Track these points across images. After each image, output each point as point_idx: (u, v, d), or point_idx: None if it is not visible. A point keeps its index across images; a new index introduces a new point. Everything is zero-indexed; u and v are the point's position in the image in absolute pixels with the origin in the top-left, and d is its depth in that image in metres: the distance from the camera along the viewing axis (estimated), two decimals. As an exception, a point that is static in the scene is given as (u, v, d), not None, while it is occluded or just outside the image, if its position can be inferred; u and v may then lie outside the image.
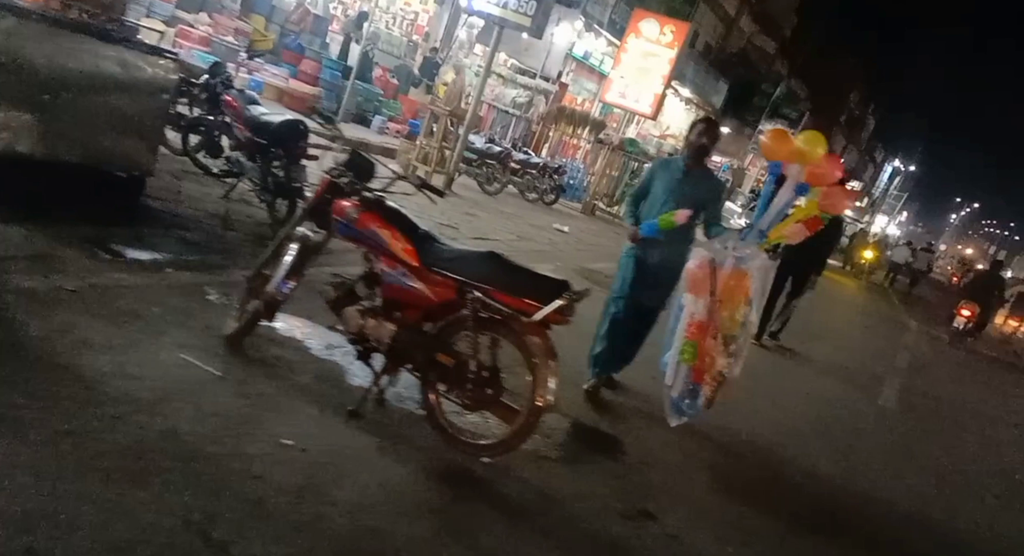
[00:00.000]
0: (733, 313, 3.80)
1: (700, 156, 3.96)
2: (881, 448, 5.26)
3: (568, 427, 3.70)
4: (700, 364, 3.74)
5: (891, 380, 7.58)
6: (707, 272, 3.72)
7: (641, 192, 4.12)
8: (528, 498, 2.89)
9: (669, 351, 3.85)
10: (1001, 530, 4.34)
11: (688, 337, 3.74)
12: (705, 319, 3.72)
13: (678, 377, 3.79)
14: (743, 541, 3.12)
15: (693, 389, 3.80)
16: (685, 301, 3.81)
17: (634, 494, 3.23)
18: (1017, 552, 4.14)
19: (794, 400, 5.81)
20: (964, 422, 7.02)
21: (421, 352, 2.95)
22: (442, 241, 3.04)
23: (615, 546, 2.77)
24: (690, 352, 3.72)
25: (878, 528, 3.75)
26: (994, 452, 6.27)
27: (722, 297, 3.74)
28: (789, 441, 4.60)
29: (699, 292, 3.74)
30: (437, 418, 2.99)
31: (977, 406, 8.19)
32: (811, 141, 3.61)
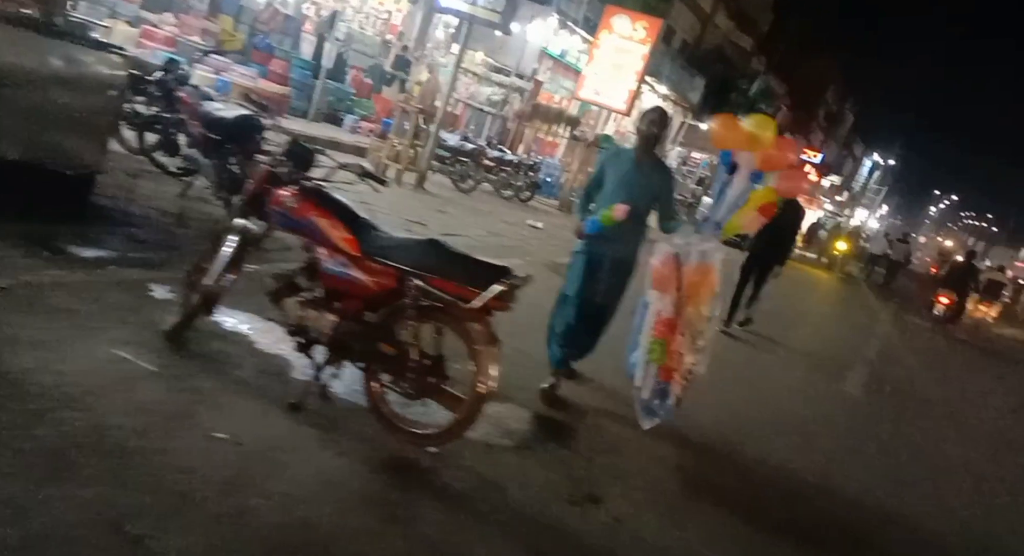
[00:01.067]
0: (699, 308, 3.76)
1: (650, 146, 3.87)
2: (839, 434, 5.27)
3: (522, 417, 3.67)
4: (669, 362, 3.68)
5: (858, 368, 7.63)
6: (671, 268, 3.67)
7: (593, 185, 4.00)
8: (472, 486, 2.85)
9: (636, 351, 3.79)
10: (951, 510, 4.36)
11: (656, 335, 3.68)
12: (672, 316, 3.67)
13: (647, 377, 3.72)
14: (687, 525, 3.10)
15: (663, 389, 3.75)
16: (650, 298, 3.75)
17: (583, 480, 3.20)
18: (963, 533, 4.15)
19: (758, 388, 5.82)
20: (929, 408, 7.07)
21: (362, 342, 2.91)
22: (383, 229, 2.99)
23: (556, 529, 2.74)
24: (658, 351, 3.67)
25: (826, 512, 3.74)
26: (955, 437, 6.31)
27: (688, 292, 3.69)
28: (748, 428, 4.59)
29: (665, 289, 3.68)
30: (380, 409, 2.95)
31: (944, 391, 8.26)
32: (760, 125, 3.58)
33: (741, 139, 3.60)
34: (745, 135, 3.59)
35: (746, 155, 3.61)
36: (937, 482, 4.85)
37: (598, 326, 4.04)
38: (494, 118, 15.60)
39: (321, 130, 11.34)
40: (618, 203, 3.69)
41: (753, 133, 3.55)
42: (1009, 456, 6.22)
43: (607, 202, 3.83)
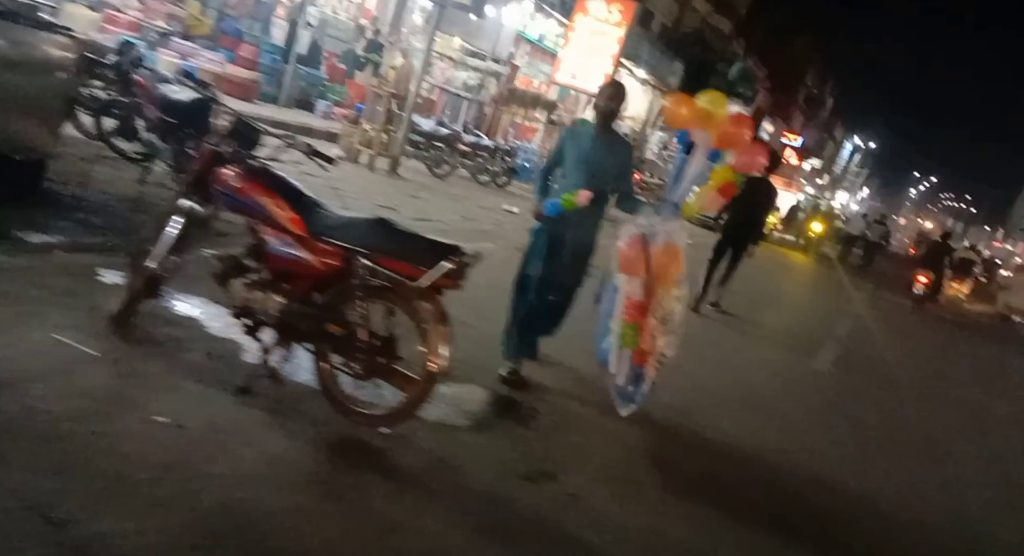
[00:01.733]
0: (668, 289, 3.72)
1: (609, 121, 3.82)
2: (803, 410, 5.29)
3: (481, 398, 3.66)
4: (642, 346, 3.63)
5: (829, 345, 7.70)
6: (639, 249, 3.62)
7: (552, 163, 3.93)
8: (424, 464, 2.84)
9: (607, 337, 3.73)
10: (915, 487, 4.39)
11: (627, 319, 3.62)
12: (642, 299, 3.62)
13: (621, 363, 3.67)
14: (643, 501, 3.11)
15: (638, 373, 3.69)
16: (619, 282, 3.68)
17: (540, 458, 3.20)
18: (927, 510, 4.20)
19: (726, 367, 5.84)
20: (899, 384, 7.14)
21: (311, 323, 2.86)
22: (330, 208, 2.94)
23: (507, 504, 2.74)
24: (631, 335, 3.62)
25: (788, 490, 3.73)
26: (923, 413, 6.37)
27: (657, 273, 3.65)
28: (714, 407, 4.60)
29: (633, 271, 3.63)
30: (331, 390, 2.92)
31: (916, 367, 8.37)
32: (713, 102, 3.55)
33: (695, 117, 3.56)
34: (699, 113, 3.55)
35: (702, 133, 3.57)
36: (903, 459, 4.89)
37: (560, 308, 3.98)
38: (470, 103, 15.47)
39: (292, 116, 11.18)
40: (582, 188, 3.63)
41: (707, 110, 3.52)
42: (976, 432, 6.31)
43: (567, 180, 3.78)
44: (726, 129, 3.51)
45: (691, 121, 3.58)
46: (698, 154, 3.65)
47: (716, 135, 3.55)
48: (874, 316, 11.63)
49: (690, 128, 3.62)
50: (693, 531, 2.98)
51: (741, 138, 3.54)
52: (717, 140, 3.56)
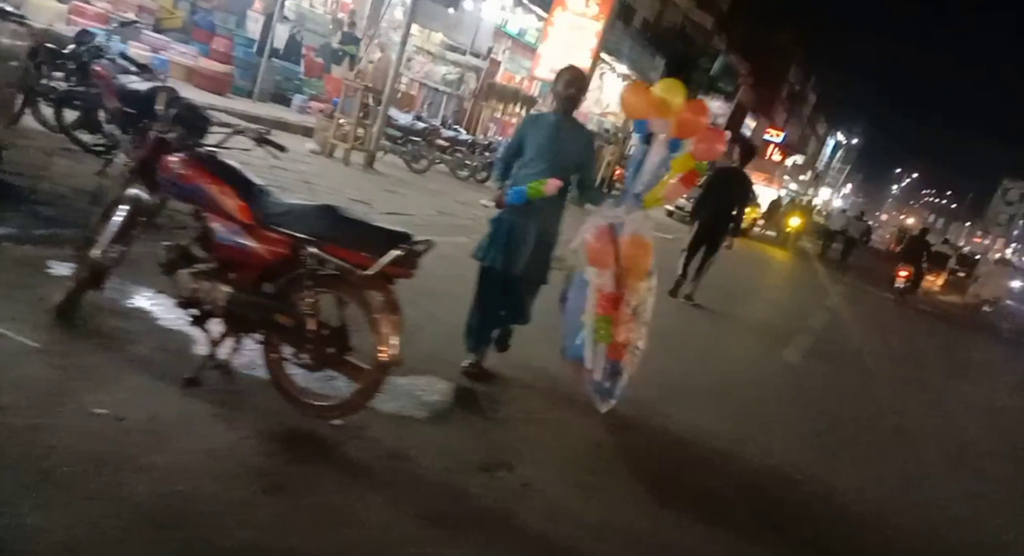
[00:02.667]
0: (639, 281, 3.66)
1: (569, 109, 3.73)
2: (772, 402, 5.28)
3: (442, 389, 3.62)
4: (617, 339, 3.57)
5: (801, 337, 7.73)
6: (607, 241, 3.56)
7: (512, 152, 3.82)
8: (375, 456, 2.80)
9: (580, 332, 3.65)
10: (869, 476, 4.38)
11: (600, 313, 3.55)
12: (614, 291, 3.56)
13: (597, 359, 3.60)
14: (600, 491, 3.09)
15: (615, 368, 3.63)
16: (588, 275, 3.61)
17: (497, 449, 3.17)
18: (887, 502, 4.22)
19: (697, 358, 5.85)
20: (869, 373, 7.19)
21: (258, 313, 2.81)
22: (277, 196, 2.89)
23: (458, 494, 2.71)
24: (605, 329, 3.55)
25: (746, 481, 3.69)
26: (885, 401, 6.40)
27: (627, 265, 3.59)
28: (679, 397, 4.59)
29: (603, 263, 3.56)
30: (281, 381, 2.87)
31: (886, 356, 8.42)
32: (669, 90, 3.52)
33: (652, 106, 3.53)
34: (656, 102, 3.52)
35: (660, 123, 3.54)
36: (867, 449, 4.91)
37: (522, 300, 3.89)
38: (450, 98, 15.39)
39: (267, 110, 11.05)
40: (551, 178, 3.55)
41: (663, 99, 3.49)
42: (943, 420, 6.36)
43: (528, 169, 3.70)
44: (683, 117, 3.48)
45: (648, 111, 3.55)
46: (657, 144, 3.61)
47: (674, 124, 3.52)
48: (851, 308, 11.74)
49: (647, 118, 3.58)
50: (649, 522, 2.97)
51: (699, 125, 3.52)
52: (675, 129, 3.53)
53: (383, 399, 3.24)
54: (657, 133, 3.59)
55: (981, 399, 7.97)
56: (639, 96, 3.60)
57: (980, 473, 5.06)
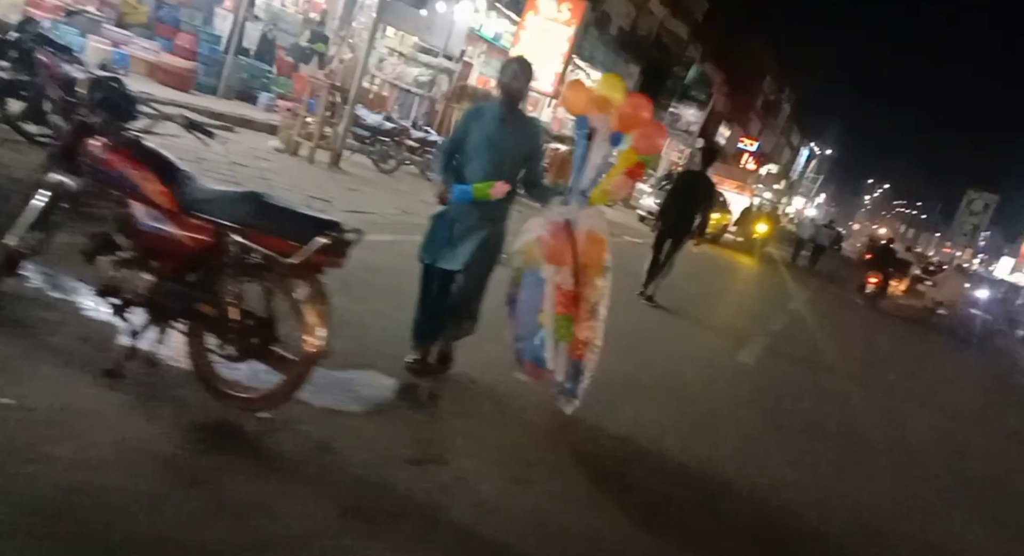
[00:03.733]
0: (596, 278, 3.61)
1: (515, 101, 3.62)
2: (714, 399, 5.23)
3: (382, 384, 3.57)
4: (578, 338, 3.49)
5: (758, 340, 7.79)
6: (564, 237, 3.48)
7: (454, 145, 3.68)
8: (302, 449, 2.74)
9: (539, 333, 3.57)
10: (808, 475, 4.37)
11: (560, 312, 3.47)
12: (573, 289, 3.47)
13: (558, 359, 3.52)
14: (534, 485, 3.06)
15: (576, 367, 3.55)
16: (545, 273, 3.51)
17: (431, 443, 3.13)
18: (821, 501, 4.24)
19: (651, 358, 5.85)
20: (816, 375, 7.19)
21: (181, 302, 2.74)
22: (202, 183, 2.82)
23: (385, 488, 2.66)
24: (565, 327, 3.46)
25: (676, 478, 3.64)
26: (835, 400, 6.40)
27: (585, 261, 3.53)
28: (628, 395, 4.58)
29: (560, 261, 3.47)
30: (205, 372, 2.80)
31: (843, 356, 8.50)
32: (609, 85, 3.51)
33: (592, 102, 3.50)
34: (596, 98, 3.50)
35: (601, 118, 3.52)
36: (805, 446, 4.92)
37: (467, 297, 3.72)
38: (422, 99, 15.33)
39: (231, 107, 10.90)
40: (486, 172, 3.50)
41: (603, 95, 3.48)
42: (890, 420, 6.43)
43: (471, 164, 3.62)
44: (624, 112, 3.47)
45: (588, 107, 3.52)
46: (599, 140, 3.58)
47: (616, 118, 3.51)
48: (813, 312, 11.87)
49: (588, 114, 3.55)
50: (582, 517, 2.94)
51: (640, 119, 3.51)
52: (617, 124, 3.52)
53: (317, 393, 3.20)
54: (598, 129, 3.57)
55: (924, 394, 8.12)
56: (580, 93, 3.58)
57: (910, 467, 5.11)
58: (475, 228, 3.59)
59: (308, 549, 2.19)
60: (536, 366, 3.69)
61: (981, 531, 4.23)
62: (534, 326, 3.63)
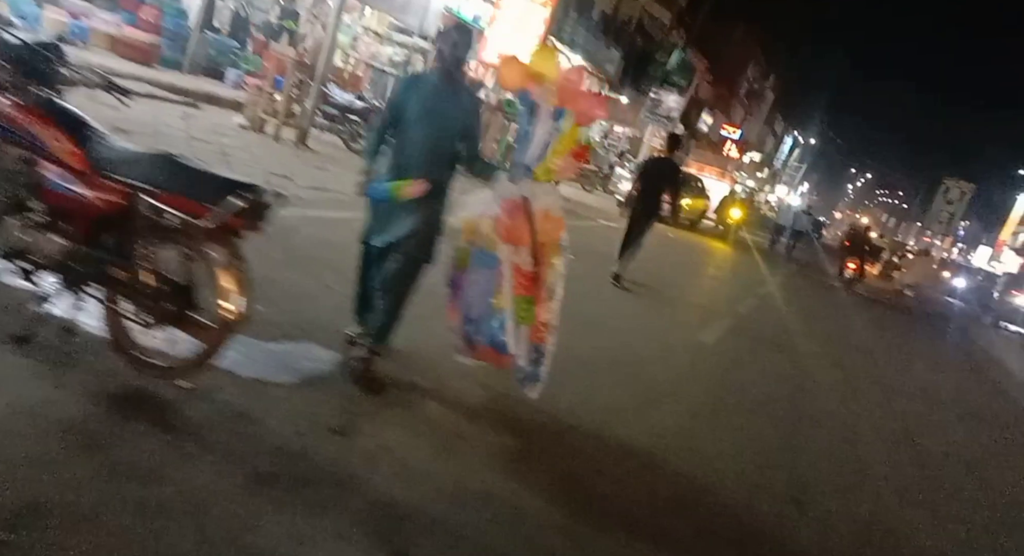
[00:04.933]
0: (551, 258, 3.47)
1: (455, 70, 3.39)
2: (664, 376, 5.21)
3: (317, 356, 3.50)
4: (540, 319, 3.38)
5: (722, 321, 7.81)
6: (522, 216, 3.33)
7: (388, 121, 3.41)
8: (220, 417, 2.68)
9: (495, 318, 3.44)
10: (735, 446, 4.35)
11: (521, 293, 3.34)
12: (533, 269, 3.35)
13: (520, 343, 3.38)
14: (462, 455, 3.04)
15: (538, 351, 3.44)
16: (501, 254, 3.35)
17: (361, 414, 3.08)
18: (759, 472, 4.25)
19: (606, 334, 5.83)
20: (774, 353, 7.20)
21: (92, 267, 2.66)
22: (116, 143, 2.73)
23: (304, 457, 2.62)
24: (526, 309, 3.34)
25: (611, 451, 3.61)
26: (791, 378, 6.41)
27: (543, 240, 3.41)
28: (574, 370, 4.49)
29: (518, 240, 3.32)
30: (120, 339, 2.73)
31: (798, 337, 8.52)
32: (543, 57, 3.40)
33: (528, 77, 3.40)
34: (531, 72, 3.40)
35: (542, 91, 3.44)
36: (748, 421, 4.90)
37: (404, 281, 3.45)
38: (396, 79, 15.12)
39: (196, 83, 10.68)
40: (422, 146, 3.31)
41: (538, 69, 3.38)
42: (835, 402, 6.47)
43: (405, 138, 3.36)
44: (562, 85, 3.40)
45: (526, 81, 3.42)
46: (542, 114, 3.49)
47: (558, 93, 3.43)
48: (783, 295, 11.94)
49: (527, 88, 3.45)
50: (508, 486, 2.92)
51: (577, 93, 3.44)
52: (558, 97, 3.44)
53: (247, 363, 3.14)
54: (540, 103, 3.49)
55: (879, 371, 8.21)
56: (514, 68, 3.45)
57: (852, 444, 5.14)
58: (410, 206, 3.38)
59: (203, 515, 2.14)
60: (496, 351, 3.56)
61: (916, 509, 4.26)
62: (489, 309, 3.50)
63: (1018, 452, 6.70)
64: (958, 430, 6.67)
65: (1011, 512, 4.78)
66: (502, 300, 3.43)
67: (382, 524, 2.41)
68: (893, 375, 8.39)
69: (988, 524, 4.40)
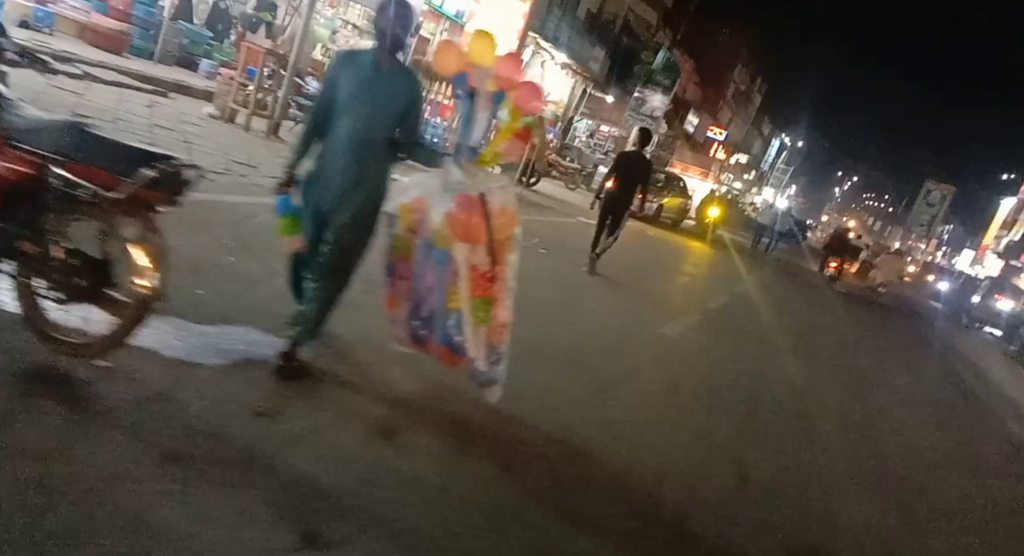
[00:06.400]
0: (507, 256, 3.30)
1: (394, 48, 3.19)
2: (618, 368, 5.14)
3: (252, 340, 3.41)
4: (498, 320, 3.27)
5: (691, 316, 7.79)
6: (479, 213, 3.16)
7: (323, 106, 3.20)
8: (137, 397, 2.61)
9: (452, 317, 3.30)
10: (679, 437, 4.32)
11: (479, 294, 3.21)
12: (490, 269, 3.21)
13: (478, 346, 3.26)
14: (393, 439, 2.98)
15: (496, 351, 3.33)
16: (457, 253, 3.19)
17: (291, 397, 3.01)
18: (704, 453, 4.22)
19: (567, 323, 5.77)
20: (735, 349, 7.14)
21: (2, 241, 2.57)
22: (25, 111, 2.64)
23: (222, 437, 2.55)
24: (484, 310, 3.22)
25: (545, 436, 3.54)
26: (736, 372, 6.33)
27: (500, 238, 3.23)
28: (526, 357, 4.34)
29: (474, 238, 3.16)
30: (32, 316, 2.65)
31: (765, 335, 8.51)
32: (480, 41, 3.33)
33: (464, 60, 3.32)
34: (467, 56, 3.32)
35: (480, 74, 3.36)
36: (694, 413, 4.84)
37: (339, 270, 3.29)
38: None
39: (168, 73, 10.53)
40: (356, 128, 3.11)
41: (475, 53, 3.30)
42: (791, 393, 6.45)
43: (340, 119, 3.14)
44: (500, 69, 3.32)
45: (463, 65, 3.33)
46: (482, 97, 3.41)
47: (496, 76, 3.35)
48: (757, 294, 11.94)
49: (465, 71, 3.37)
50: (438, 467, 2.87)
51: (514, 79, 3.36)
52: (496, 81, 3.36)
53: (175, 344, 3.07)
54: (480, 86, 3.41)
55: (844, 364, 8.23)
56: (451, 52, 3.35)
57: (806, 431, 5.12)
58: (345, 195, 3.18)
59: (100, 493, 2.06)
60: (450, 350, 3.42)
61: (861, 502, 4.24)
62: (443, 309, 3.35)
63: (975, 445, 6.72)
64: (914, 419, 6.68)
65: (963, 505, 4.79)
66: (458, 301, 3.28)
67: (296, 505, 2.35)
68: (857, 368, 8.40)
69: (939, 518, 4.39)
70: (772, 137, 72.84)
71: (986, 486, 5.40)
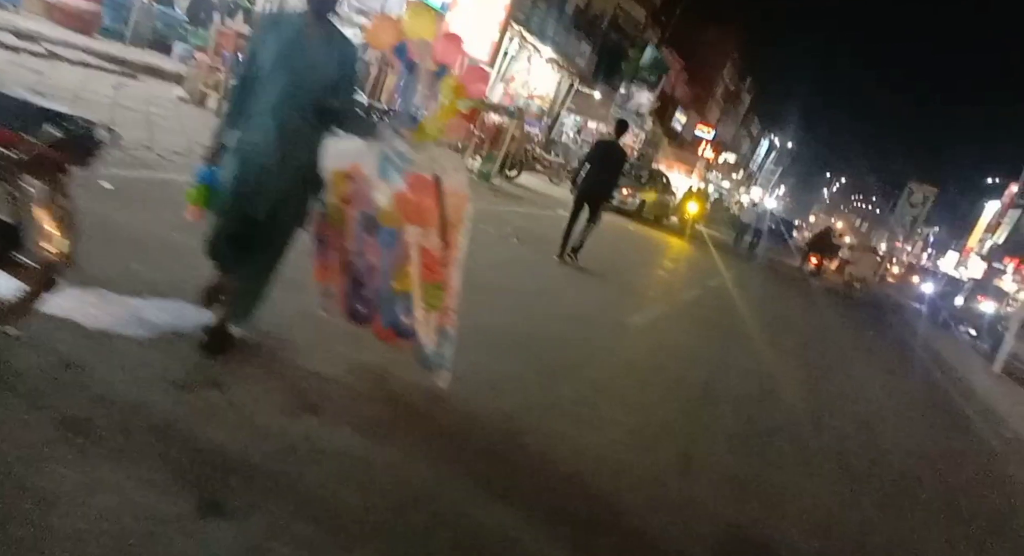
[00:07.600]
0: (457, 238, 3.20)
1: (325, 9, 2.98)
2: (575, 354, 5.10)
3: (183, 313, 3.32)
4: (447, 305, 3.18)
5: (660, 307, 7.76)
6: (432, 195, 3.07)
7: (249, 73, 2.99)
8: (45, 365, 2.53)
9: (398, 302, 3.24)
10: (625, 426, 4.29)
11: (431, 279, 3.12)
12: (442, 252, 3.11)
13: (428, 330, 3.19)
14: (318, 413, 2.91)
15: (445, 335, 3.25)
16: (408, 235, 3.09)
17: (214, 371, 2.93)
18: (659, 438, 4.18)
19: (531, 311, 5.73)
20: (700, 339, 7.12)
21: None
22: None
23: (134, 407, 2.48)
24: (436, 295, 3.14)
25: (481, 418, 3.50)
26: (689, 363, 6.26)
27: (452, 220, 3.13)
28: (480, 341, 4.32)
29: (424, 221, 3.06)
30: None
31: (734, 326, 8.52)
32: (419, 16, 3.25)
33: (400, 34, 3.24)
34: (404, 29, 3.23)
35: (418, 49, 3.28)
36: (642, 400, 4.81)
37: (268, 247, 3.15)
38: (356, 62, 14.89)
39: (138, 55, 10.38)
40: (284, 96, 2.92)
41: (414, 27, 3.21)
42: (749, 380, 6.44)
43: (263, 88, 2.95)
44: (441, 44, 3.25)
45: (399, 35, 3.24)
46: (423, 69, 3.34)
47: (436, 49, 3.27)
48: (732, 288, 11.96)
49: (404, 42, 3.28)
50: (366, 442, 2.81)
51: (456, 53, 3.28)
52: (437, 54, 3.28)
53: (97, 315, 2.98)
54: (420, 61, 3.33)
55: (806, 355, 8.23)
56: (386, 25, 3.26)
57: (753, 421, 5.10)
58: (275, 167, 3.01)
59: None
60: (395, 332, 3.37)
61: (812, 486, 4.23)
62: (389, 291, 3.29)
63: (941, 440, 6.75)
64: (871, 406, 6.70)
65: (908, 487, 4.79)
66: (407, 284, 3.20)
67: (201, 474, 2.28)
68: (820, 359, 8.41)
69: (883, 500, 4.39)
70: (761, 137, 73.11)
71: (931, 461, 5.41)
